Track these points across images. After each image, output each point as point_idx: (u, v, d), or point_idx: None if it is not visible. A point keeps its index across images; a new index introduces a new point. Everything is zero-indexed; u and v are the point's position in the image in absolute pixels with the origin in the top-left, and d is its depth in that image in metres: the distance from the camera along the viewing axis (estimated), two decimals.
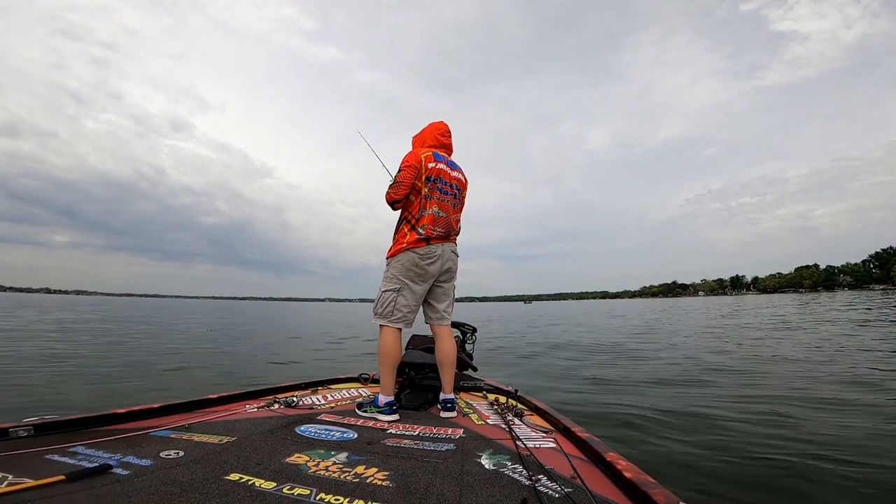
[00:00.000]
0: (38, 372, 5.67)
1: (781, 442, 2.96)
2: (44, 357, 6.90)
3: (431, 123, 2.60)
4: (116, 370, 6.07)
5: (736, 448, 2.87)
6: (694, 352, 7.96)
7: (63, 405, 4.13)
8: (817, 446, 2.85)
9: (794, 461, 2.63)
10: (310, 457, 1.52)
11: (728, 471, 2.56)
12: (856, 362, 6.00)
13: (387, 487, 1.27)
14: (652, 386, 5.06)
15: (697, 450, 2.88)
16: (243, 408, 2.27)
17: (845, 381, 4.81)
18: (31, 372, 5.65)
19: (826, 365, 5.92)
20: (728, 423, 3.40)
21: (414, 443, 1.75)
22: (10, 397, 4.33)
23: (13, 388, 4.74)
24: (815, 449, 2.81)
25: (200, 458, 1.47)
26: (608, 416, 3.76)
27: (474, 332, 3.28)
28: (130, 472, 1.31)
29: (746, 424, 3.37)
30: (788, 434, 3.11)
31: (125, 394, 4.64)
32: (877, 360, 6.08)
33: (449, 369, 2.39)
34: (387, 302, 2.32)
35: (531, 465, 1.49)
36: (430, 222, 2.32)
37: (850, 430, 3.15)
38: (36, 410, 2.57)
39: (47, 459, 1.40)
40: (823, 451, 2.75)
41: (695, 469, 2.60)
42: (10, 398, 4.29)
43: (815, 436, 3.05)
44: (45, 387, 4.85)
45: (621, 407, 4.03)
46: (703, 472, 2.56)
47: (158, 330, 13.93)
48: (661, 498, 1.15)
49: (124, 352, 8.08)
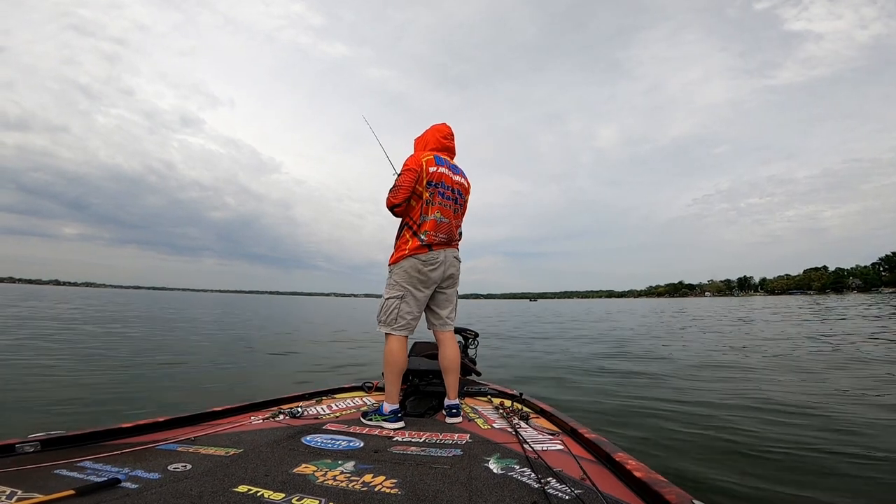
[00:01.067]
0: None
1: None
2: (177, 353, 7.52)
3: (434, 125, 2.55)
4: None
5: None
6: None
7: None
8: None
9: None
10: (317, 467, 1.52)
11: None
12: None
13: (395, 495, 1.27)
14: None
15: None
16: (248, 419, 2.27)
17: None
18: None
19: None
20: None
21: (421, 449, 1.75)
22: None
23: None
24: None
25: (208, 470, 1.47)
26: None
27: (476, 337, 3.28)
28: (139, 485, 1.32)
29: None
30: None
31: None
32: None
33: (453, 375, 2.39)
34: (390, 309, 2.31)
35: (539, 467, 1.49)
36: (432, 228, 2.29)
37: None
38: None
39: (56, 474, 1.40)
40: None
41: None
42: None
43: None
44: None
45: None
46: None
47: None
48: (674, 497, 1.14)
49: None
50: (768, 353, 7.83)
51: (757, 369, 6.02)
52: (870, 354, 7.21)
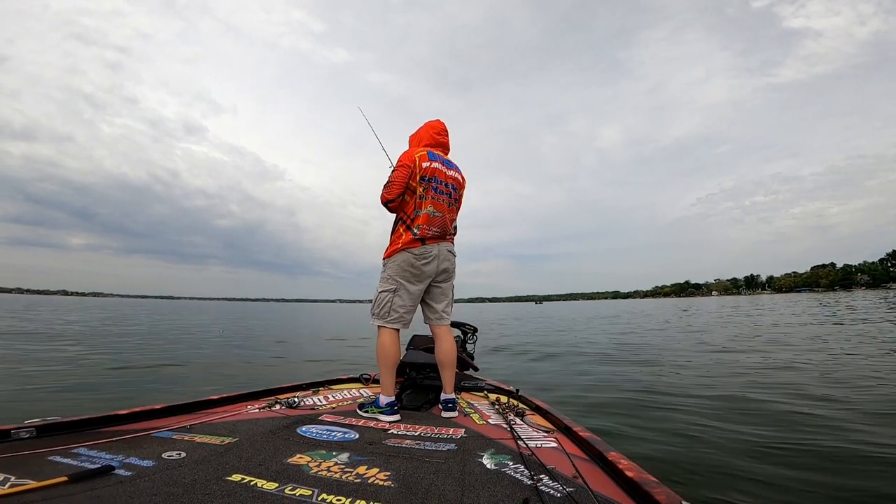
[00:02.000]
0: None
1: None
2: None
3: (427, 122, 2.58)
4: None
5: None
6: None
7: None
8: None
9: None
10: (311, 457, 1.52)
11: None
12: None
13: (388, 488, 1.28)
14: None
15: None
16: (244, 409, 2.28)
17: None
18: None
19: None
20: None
21: (415, 443, 1.76)
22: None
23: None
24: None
25: (202, 458, 1.47)
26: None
27: (475, 332, 3.28)
28: (133, 473, 1.32)
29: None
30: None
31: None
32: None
33: (449, 369, 2.40)
34: (383, 303, 2.33)
35: (533, 464, 1.49)
36: (425, 222, 2.31)
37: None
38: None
39: (50, 461, 1.41)
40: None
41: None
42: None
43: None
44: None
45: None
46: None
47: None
48: (663, 497, 1.15)
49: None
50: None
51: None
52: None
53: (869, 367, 5.68)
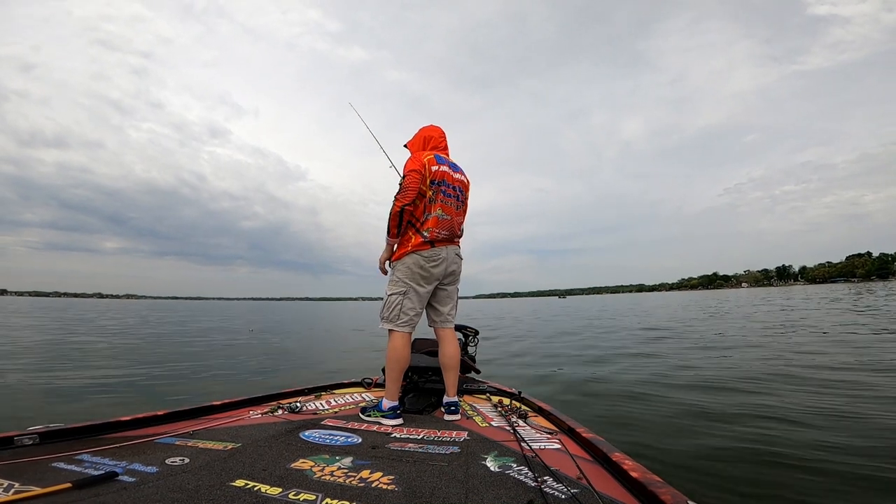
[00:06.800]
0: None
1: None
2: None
3: (423, 128, 2.58)
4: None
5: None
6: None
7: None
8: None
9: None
10: (315, 462, 1.53)
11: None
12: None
13: (392, 491, 1.28)
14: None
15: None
16: (247, 414, 2.29)
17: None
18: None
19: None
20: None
21: (418, 446, 1.76)
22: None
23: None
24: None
25: (206, 464, 1.48)
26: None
27: (476, 334, 3.27)
28: (136, 479, 1.33)
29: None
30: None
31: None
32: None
33: (452, 372, 2.41)
34: (393, 305, 2.33)
35: (536, 466, 1.48)
36: (434, 225, 2.32)
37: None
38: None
39: (53, 467, 1.42)
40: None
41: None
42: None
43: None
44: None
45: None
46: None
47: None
48: (669, 497, 1.13)
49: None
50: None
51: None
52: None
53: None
